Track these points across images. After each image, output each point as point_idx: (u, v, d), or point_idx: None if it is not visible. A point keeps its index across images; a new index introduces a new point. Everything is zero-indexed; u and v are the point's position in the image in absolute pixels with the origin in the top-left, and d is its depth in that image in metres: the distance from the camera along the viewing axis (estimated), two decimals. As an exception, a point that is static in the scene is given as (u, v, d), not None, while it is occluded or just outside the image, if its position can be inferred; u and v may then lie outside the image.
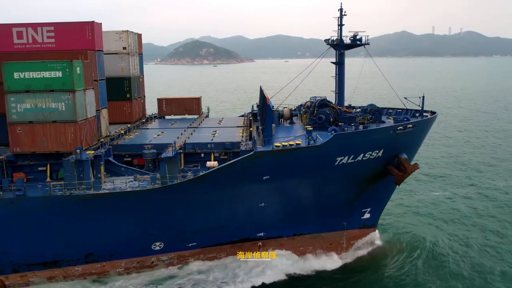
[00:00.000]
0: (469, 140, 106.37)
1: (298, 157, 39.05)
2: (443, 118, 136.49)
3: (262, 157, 37.99)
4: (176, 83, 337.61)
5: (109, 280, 41.89)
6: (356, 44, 49.90)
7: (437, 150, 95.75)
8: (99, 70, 44.31)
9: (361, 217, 49.25)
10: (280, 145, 38.21)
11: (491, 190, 67.70)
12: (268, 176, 39.30)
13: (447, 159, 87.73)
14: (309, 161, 39.53)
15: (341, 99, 50.70)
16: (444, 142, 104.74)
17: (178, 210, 40.03)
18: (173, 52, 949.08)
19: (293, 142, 38.81)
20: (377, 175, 45.52)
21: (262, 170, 38.74)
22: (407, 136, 44.07)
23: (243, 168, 38.14)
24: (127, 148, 43.21)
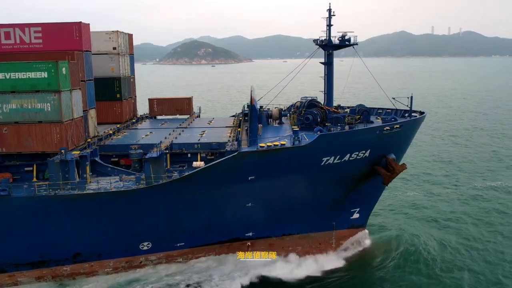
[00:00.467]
0: (457, 140, 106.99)
1: (283, 157, 39.15)
2: (433, 118, 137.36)
3: (247, 158, 38.09)
4: (172, 83, 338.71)
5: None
6: (345, 45, 50.03)
7: (426, 150, 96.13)
8: (86, 70, 44.34)
9: (350, 217, 49.36)
10: (264, 146, 38.33)
11: (480, 190, 67.88)
12: (254, 176, 39.40)
13: (436, 159, 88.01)
14: (295, 161, 39.64)
15: (329, 99, 50.84)
16: (433, 142, 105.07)
17: (164, 210, 40.11)
18: (171, 52, 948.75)
19: (278, 143, 38.90)
20: (365, 175, 45.64)
21: (247, 170, 38.85)
22: (394, 136, 44.18)
23: (228, 168, 38.24)
24: (114, 148, 43.28)
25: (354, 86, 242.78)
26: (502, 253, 47.75)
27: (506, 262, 45.78)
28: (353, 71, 69.60)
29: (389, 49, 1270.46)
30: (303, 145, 38.84)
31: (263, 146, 38.32)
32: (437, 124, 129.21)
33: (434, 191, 67.97)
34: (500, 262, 45.69)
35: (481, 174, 77.04)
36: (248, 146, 39.58)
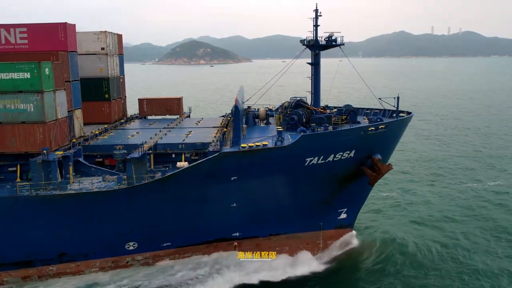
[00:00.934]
0: (445, 140, 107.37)
1: (265, 158, 39.17)
2: (424, 117, 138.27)
3: (228, 158, 38.14)
4: (167, 83, 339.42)
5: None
6: (331, 45, 50.09)
7: (415, 149, 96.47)
8: (72, 71, 44.40)
9: (337, 217, 49.40)
10: (246, 146, 38.35)
11: (468, 191, 68.15)
12: (236, 177, 39.42)
13: (424, 159, 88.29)
14: (278, 162, 39.66)
15: (316, 99, 50.85)
16: (421, 141, 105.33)
17: (148, 211, 40.12)
18: (170, 52, 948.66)
19: (260, 143, 38.93)
20: (351, 176, 45.68)
21: (229, 171, 38.89)
22: (380, 136, 44.20)
23: (210, 169, 38.29)
24: (98, 148, 43.33)
25: (352, 86, 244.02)
26: (488, 252, 47.97)
27: (492, 262, 45.90)
28: (351, 71, 69.67)
29: (389, 49, 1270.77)
30: (285, 145, 38.86)
31: (245, 146, 38.35)
32: (426, 123, 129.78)
33: (422, 191, 68.10)
34: (486, 263, 45.82)
35: (468, 174, 77.36)
36: (230, 147, 39.63)
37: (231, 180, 39.42)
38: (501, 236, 51.95)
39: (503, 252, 48.09)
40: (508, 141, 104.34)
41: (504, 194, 65.94)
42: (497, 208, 60.26)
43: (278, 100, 58.19)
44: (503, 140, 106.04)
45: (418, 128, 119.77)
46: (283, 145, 38.83)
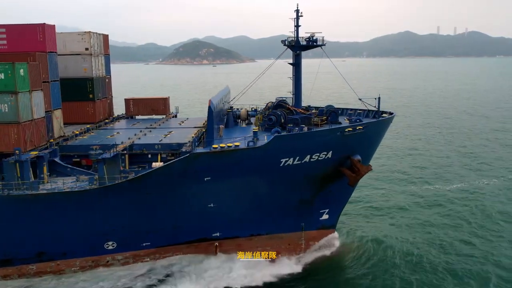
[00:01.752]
0: (430, 140, 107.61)
1: (238, 158, 39.15)
2: (405, 117, 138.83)
3: (200, 159, 38.16)
4: (163, 83, 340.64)
5: None
6: (312, 45, 50.04)
7: (398, 150, 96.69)
8: (51, 71, 44.58)
9: (319, 218, 49.37)
10: (217, 147, 38.34)
11: (450, 192, 68.17)
12: (210, 178, 39.41)
13: (408, 160, 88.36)
14: (251, 163, 39.63)
15: (298, 100, 50.74)
16: (405, 141, 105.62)
17: (122, 211, 40.26)
18: (173, 52, 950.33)
19: (232, 144, 38.89)
20: (330, 176, 45.57)
21: (201, 172, 38.89)
22: (358, 137, 44.05)
23: (181, 169, 38.30)
24: (75, 148, 43.52)
25: (346, 86, 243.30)
26: (471, 253, 48.09)
27: (474, 261, 46.21)
28: (350, 71, 69.94)
29: (393, 49, 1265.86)
30: (258, 146, 38.81)
31: (216, 147, 38.36)
32: (406, 123, 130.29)
33: (405, 192, 68.17)
34: (468, 261, 46.05)
35: (451, 175, 77.43)
36: (204, 147, 39.65)
37: (204, 181, 39.41)
38: (479, 235, 52.23)
39: (483, 251, 48.32)
40: (489, 142, 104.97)
41: (483, 195, 66.30)
42: (478, 209, 60.36)
43: (268, 101, 58.25)
44: (487, 140, 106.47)
45: (403, 128, 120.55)
46: (255, 146, 38.78)
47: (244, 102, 56.02)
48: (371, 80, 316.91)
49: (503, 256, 47.07)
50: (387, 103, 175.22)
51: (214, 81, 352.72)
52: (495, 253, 47.61)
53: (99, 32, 58.36)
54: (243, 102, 56.11)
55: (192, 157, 37.88)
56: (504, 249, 48.77)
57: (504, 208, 60.23)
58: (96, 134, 49.95)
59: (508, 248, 49.14)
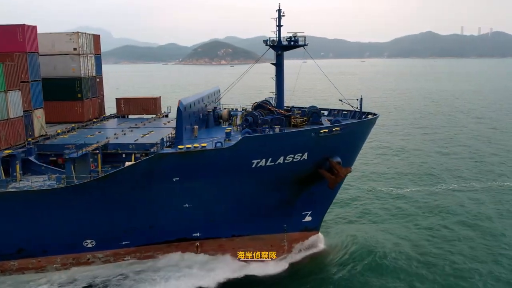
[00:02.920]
0: (415, 140, 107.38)
1: (205, 159, 38.89)
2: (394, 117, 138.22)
3: (166, 159, 38.07)
4: (171, 83, 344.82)
5: None
6: (294, 46, 49.55)
7: (384, 150, 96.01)
8: (31, 71, 45.10)
9: (302, 219, 48.87)
10: (183, 148, 38.22)
11: (437, 194, 67.45)
12: (178, 178, 39.32)
13: (395, 161, 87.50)
14: (220, 164, 39.33)
15: (280, 101, 50.25)
16: (393, 140, 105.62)
17: (94, 209, 40.49)
18: (192, 53, 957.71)
19: (198, 145, 38.69)
20: (309, 178, 44.99)
21: (168, 172, 38.76)
22: (336, 139, 43.39)
23: (147, 170, 38.28)
24: (52, 147, 43.96)
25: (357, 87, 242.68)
26: (454, 254, 47.69)
27: (458, 263, 45.75)
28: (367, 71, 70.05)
29: (415, 50, 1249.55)
30: (225, 147, 38.53)
31: (182, 148, 38.23)
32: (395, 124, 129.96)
33: (390, 194, 67.24)
34: (453, 263, 45.64)
35: (436, 176, 76.78)
36: (172, 147, 39.59)
37: (173, 181, 39.33)
38: (466, 237, 51.83)
39: (468, 252, 48.09)
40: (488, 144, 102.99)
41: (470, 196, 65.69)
42: (462, 210, 60.05)
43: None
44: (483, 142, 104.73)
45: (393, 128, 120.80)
46: (223, 147, 38.51)
47: (245, 102, 55.91)
48: (380, 81, 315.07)
49: (489, 256, 47.03)
50: (382, 104, 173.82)
51: (225, 81, 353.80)
52: (480, 255, 47.32)
53: (94, 33, 59.94)
54: (243, 102, 55.97)
55: (157, 158, 37.86)
56: (493, 249, 48.58)
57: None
58: (78, 133, 50.42)
59: (493, 246, 49.07)
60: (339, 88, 55.29)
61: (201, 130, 48.13)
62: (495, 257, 46.77)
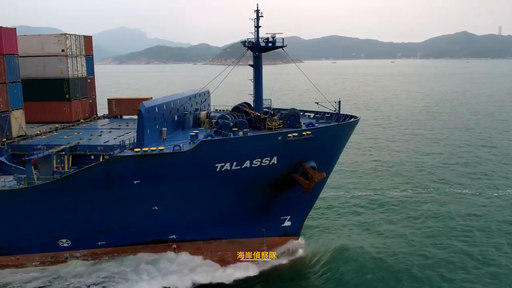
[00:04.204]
0: (399, 144, 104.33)
1: (164, 163, 38.38)
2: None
3: (122, 162, 37.80)
4: (180, 82, 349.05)
5: None
6: (273, 47, 48.57)
7: (366, 154, 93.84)
8: (8, 73, 45.84)
9: (281, 224, 47.97)
10: (139, 150, 37.83)
11: (419, 197, 66.17)
12: (139, 181, 39.00)
13: (378, 165, 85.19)
14: (180, 167, 38.73)
15: (258, 103, 49.27)
16: (375, 144, 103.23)
17: (58, 210, 40.81)
18: (220, 53, 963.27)
19: (155, 148, 38.21)
20: (282, 183, 43.95)
21: (128, 175, 38.49)
22: (307, 143, 42.17)
23: (105, 172, 38.13)
24: (25, 148, 44.49)
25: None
26: (438, 258, 47.09)
27: (440, 267, 45.23)
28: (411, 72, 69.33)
29: (449, 50, 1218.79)
30: (183, 151, 37.90)
31: (138, 151, 37.86)
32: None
33: (372, 198, 65.87)
34: (435, 267, 45.07)
35: (425, 181, 74.60)
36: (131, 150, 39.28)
37: (134, 184, 39.05)
38: (450, 244, 50.81)
39: (445, 257, 47.51)
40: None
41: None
42: (446, 215, 58.82)
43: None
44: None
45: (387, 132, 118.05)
46: (181, 151, 37.91)
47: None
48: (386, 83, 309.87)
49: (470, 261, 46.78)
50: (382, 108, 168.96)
51: (241, 82, 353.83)
52: (463, 259, 47.01)
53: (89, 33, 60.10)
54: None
55: (112, 161, 37.65)
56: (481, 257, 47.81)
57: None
58: (59, 133, 50.98)
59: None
60: (359, 93, 54.00)
61: (176, 132, 47.81)
62: (481, 267, 45.63)
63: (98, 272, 43.23)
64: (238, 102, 52.53)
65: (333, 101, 47.43)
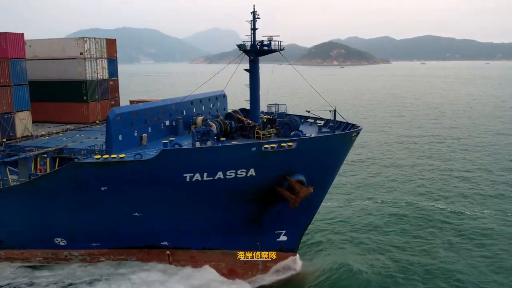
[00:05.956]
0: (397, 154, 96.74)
1: (126, 170, 37.26)
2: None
3: (84, 169, 37.35)
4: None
5: None
6: (269, 50, 45.60)
7: (369, 164, 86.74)
8: (14, 76, 47.79)
9: (276, 239, 45.30)
10: (100, 157, 37.06)
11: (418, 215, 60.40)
12: (106, 188, 38.42)
13: (376, 180, 77.81)
14: (143, 176, 37.40)
15: (254, 110, 46.59)
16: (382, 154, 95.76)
17: (33, 211, 42.08)
18: (306, 53, 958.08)
19: (116, 155, 37.14)
20: (269, 195, 41.07)
21: (92, 181, 38.02)
22: (290, 155, 38.85)
23: (70, 177, 37.99)
24: (17, 149, 45.83)
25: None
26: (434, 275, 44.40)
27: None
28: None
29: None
30: (144, 159, 36.50)
31: (99, 157, 37.11)
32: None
33: (375, 215, 60.62)
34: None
35: (423, 194, 69.02)
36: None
37: (102, 190, 38.55)
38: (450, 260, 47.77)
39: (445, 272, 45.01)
40: None
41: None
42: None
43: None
44: None
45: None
46: (142, 159, 36.54)
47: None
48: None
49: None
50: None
51: (316, 83, 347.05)
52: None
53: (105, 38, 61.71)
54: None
55: (74, 166, 37.36)
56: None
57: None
58: (63, 135, 52.37)
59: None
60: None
61: (167, 138, 46.73)
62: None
63: (93, 272, 44.20)
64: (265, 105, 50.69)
65: (328, 109, 43.24)
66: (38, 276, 44.21)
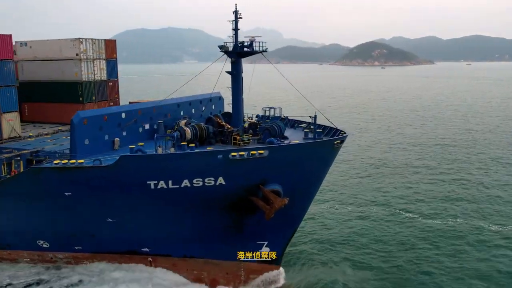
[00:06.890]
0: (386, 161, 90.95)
1: (90, 177, 35.94)
2: None
3: (41, 174, 36.39)
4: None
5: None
6: (250, 52, 43.38)
7: (353, 174, 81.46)
8: (0, 77, 47.69)
9: (258, 250, 43.07)
10: (59, 162, 35.90)
11: (407, 222, 57.81)
12: (70, 193, 37.38)
13: (361, 188, 73.44)
14: (104, 182, 35.98)
15: (236, 114, 44.60)
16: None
17: (15, 212, 42.11)
18: (346, 53, 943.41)
19: (74, 161, 35.89)
20: (244, 205, 38.91)
21: (53, 186, 37.04)
22: (261, 163, 36.44)
23: (31, 182, 37.18)
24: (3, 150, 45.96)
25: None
26: None
27: None
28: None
29: None
30: (103, 165, 35.06)
31: (57, 163, 35.96)
32: None
33: (364, 225, 57.43)
34: None
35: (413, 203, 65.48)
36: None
37: (66, 195, 37.55)
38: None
39: None
40: None
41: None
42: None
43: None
44: None
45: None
46: (101, 165, 35.12)
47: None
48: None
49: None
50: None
51: (353, 85, 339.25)
52: None
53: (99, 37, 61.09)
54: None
55: (32, 171, 36.49)
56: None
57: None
58: (51, 136, 52.07)
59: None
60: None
61: (148, 142, 45.41)
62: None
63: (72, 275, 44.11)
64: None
65: (309, 115, 40.48)
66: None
